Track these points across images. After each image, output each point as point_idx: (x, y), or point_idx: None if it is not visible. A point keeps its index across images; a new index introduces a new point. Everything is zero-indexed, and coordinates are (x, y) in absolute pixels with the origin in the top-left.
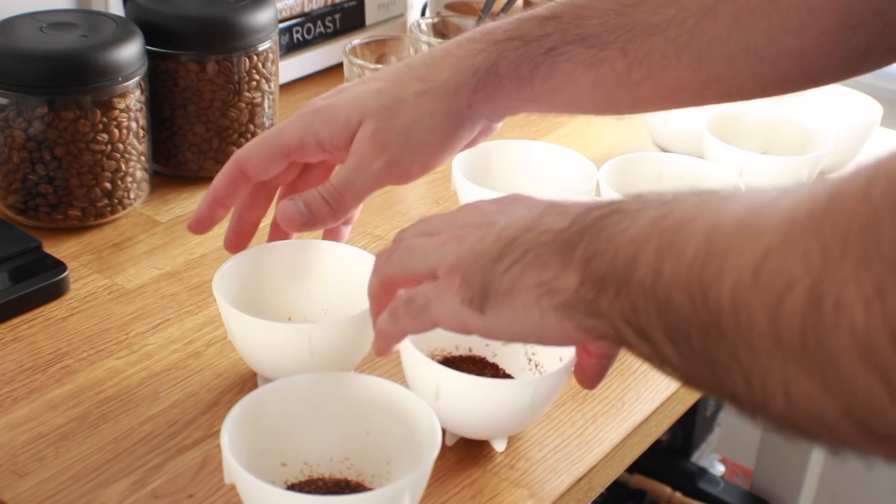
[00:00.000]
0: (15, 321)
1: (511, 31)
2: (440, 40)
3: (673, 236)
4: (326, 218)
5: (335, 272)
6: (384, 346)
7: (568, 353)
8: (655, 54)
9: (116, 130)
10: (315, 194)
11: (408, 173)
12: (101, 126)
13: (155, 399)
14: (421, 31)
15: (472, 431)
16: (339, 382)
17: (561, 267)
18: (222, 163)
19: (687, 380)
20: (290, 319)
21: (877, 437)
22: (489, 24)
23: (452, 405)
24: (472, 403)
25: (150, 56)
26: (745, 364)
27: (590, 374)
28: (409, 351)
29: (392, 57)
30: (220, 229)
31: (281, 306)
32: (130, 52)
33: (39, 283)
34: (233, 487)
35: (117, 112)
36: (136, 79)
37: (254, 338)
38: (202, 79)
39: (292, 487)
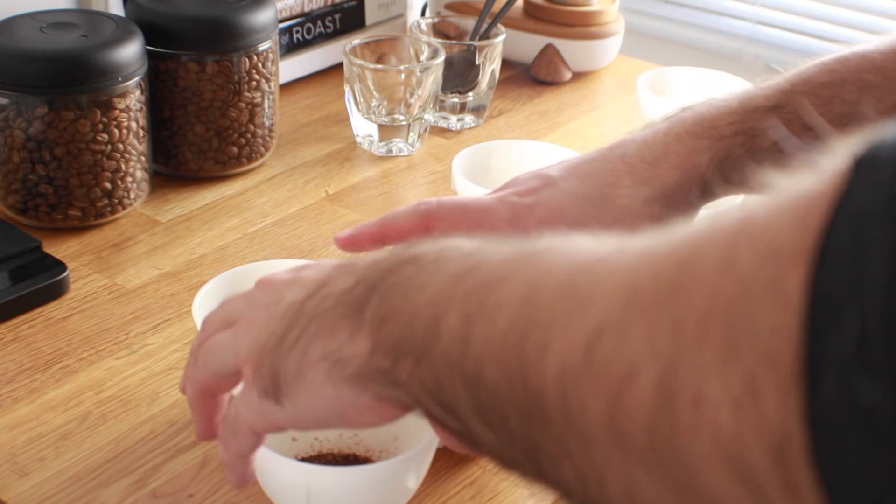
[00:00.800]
0: (15, 321)
1: (735, 123)
2: (440, 40)
3: (481, 298)
4: None
5: None
6: (236, 478)
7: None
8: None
9: (116, 130)
10: None
11: None
12: (101, 126)
13: (155, 399)
14: (421, 31)
15: None
16: None
17: (348, 333)
18: (222, 163)
19: (507, 465)
20: None
21: None
22: (707, 114)
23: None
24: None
25: (150, 56)
26: (577, 457)
27: (455, 444)
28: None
29: (392, 57)
30: (221, 230)
31: None
32: (130, 52)
33: (39, 283)
34: (233, 487)
35: (117, 112)
36: (136, 79)
37: None
38: (202, 79)
39: (303, 461)
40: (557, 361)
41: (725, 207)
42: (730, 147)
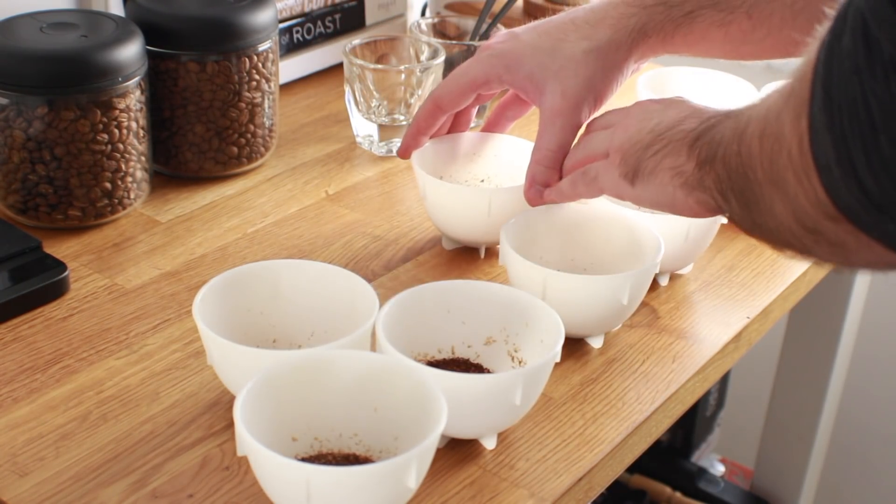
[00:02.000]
0: (15, 321)
1: None
2: (440, 40)
3: (741, 133)
4: (554, 178)
5: (321, 293)
6: (560, 199)
7: (550, 347)
8: (775, 17)
9: (116, 130)
10: (540, 169)
11: (587, 116)
12: (101, 126)
13: (155, 399)
14: (421, 31)
15: (461, 431)
16: (348, 359)
17: (686, 157)
18: (222, 163)
19: (744, 226)
20: (275, 342)
21: (811, 232)
22: None
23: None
24: (460, 401)
25: (150, 56)
26: (759, 197)
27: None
28: None
29: (392, 57)
30: (221, 230)
31: (265, 328)
32: (130, 52)
33: (39, 283)
34: (233, 487)
35: (117, 112)
36: (136, 79)
37: (237, 364)
38: (202, 79)
39: (302, 461)
40: (750, 137)
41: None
42: (651, 14)
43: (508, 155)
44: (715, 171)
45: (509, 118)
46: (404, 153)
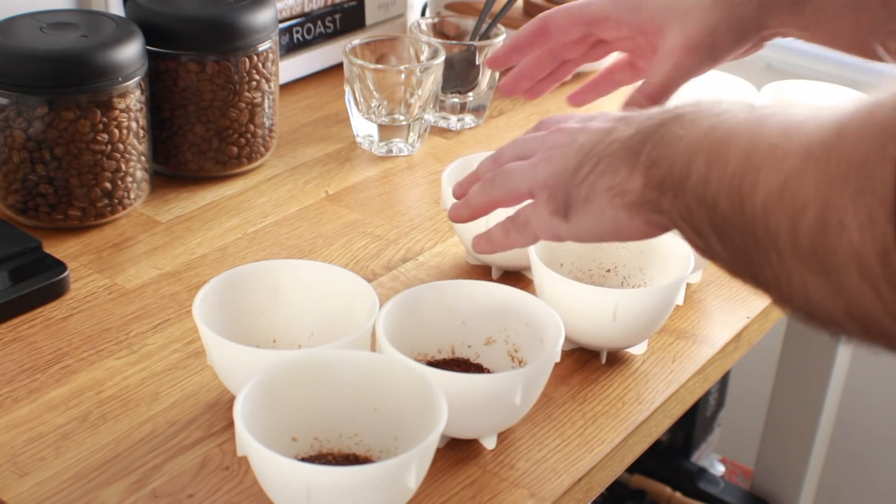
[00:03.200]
0: (15, 321)
1: None
2: (440, 40)
3: (719, 149)
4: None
5: (321, 293)
6: (490, 249)
7: (550, 347)
8: None
9: (116, 130)
10: (641, 97)
11: (707, 69)
12: (101, 126)
13: (155, 399)
14: (421, 31)
15: (461, 431)
16: (348, 359)
17: (628, 171)
18: (222, 163)
19: (732, 272)
20: (275, 342)
21: (872, 333)
22: None
23: None
24: (460, 400)
25: (150, 56)
26: (774, 264)
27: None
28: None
29: (392, 57)
30: (221, 230)
31: (265, 329)
32: (130, 52)
33: (39, 283)
34: (233, 487)
35: (117, 112)
36: (136, 79)
37: (237, 364)
38: (202, 79)
39: (302, 461)
40: (763, 196)
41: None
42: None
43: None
44: (684, 204)
45: (615, 82)
46: (494, 63)
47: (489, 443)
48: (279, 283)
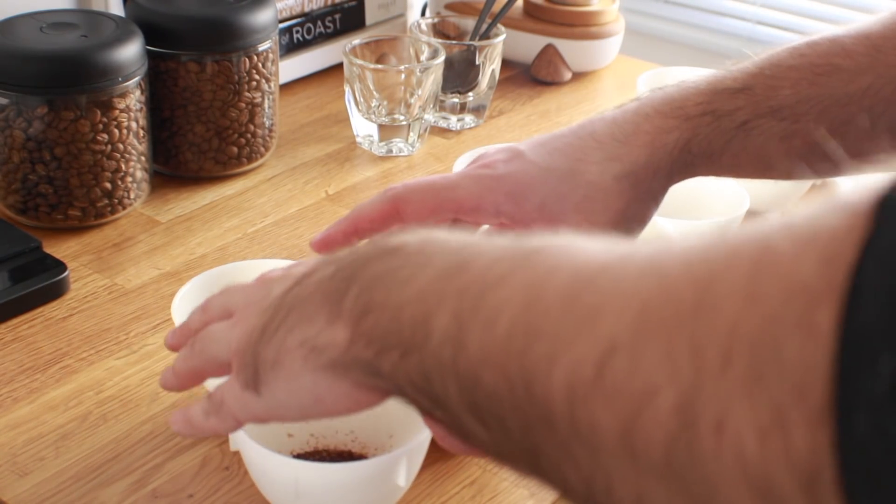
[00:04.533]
0: (15, 321)
1: (703, 104)
2: (440, 40)
3: (475, 299)
4: None
5: None
6: (190, 432)
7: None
8: (851, 125)
9: (116, 130)
10: None
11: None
12: (101, 126)
13: (155, 399)
14: (421, 31)
15: None
16: None
17: (326, 320)
18: (222, 163)
19: (501, 460)
20: None
21: None
22: (676, 95)
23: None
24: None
25: (150, 56)
26: (583, 464)
27: (446, 437)
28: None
29: (392, 57)
30: (221, 230)
31: None
32: (130, 52)
33: (39, 283)
34: (233, 487)
35: (117, 112)
36: (136, 79)
37: None
38: (202, 79)
39: (298, 457)
40: (566, 374)
41: (732, 223)
42: (696, 127)
43: None
44: (418, 369)
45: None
46: (321, 246)
47: None
48: None
